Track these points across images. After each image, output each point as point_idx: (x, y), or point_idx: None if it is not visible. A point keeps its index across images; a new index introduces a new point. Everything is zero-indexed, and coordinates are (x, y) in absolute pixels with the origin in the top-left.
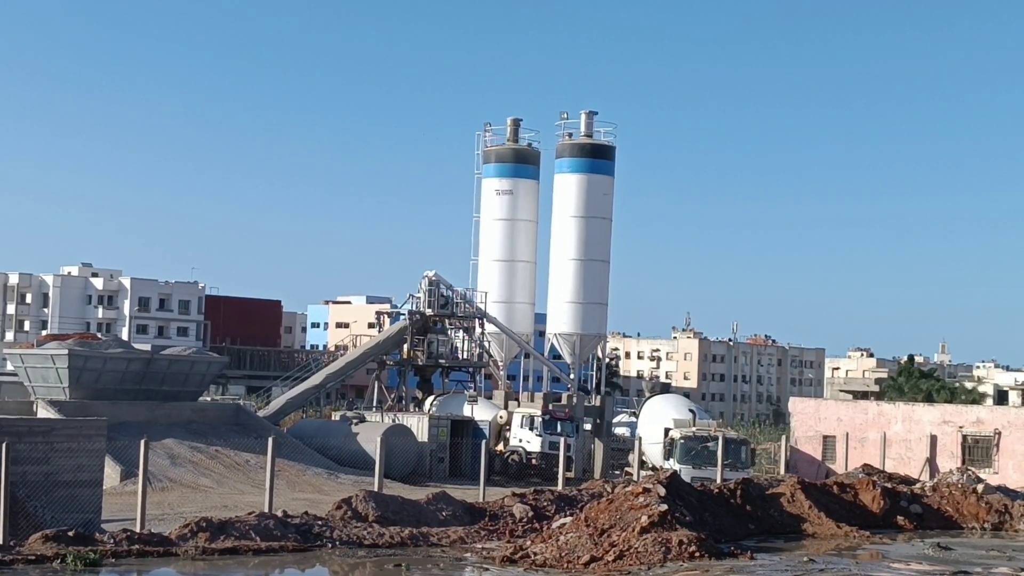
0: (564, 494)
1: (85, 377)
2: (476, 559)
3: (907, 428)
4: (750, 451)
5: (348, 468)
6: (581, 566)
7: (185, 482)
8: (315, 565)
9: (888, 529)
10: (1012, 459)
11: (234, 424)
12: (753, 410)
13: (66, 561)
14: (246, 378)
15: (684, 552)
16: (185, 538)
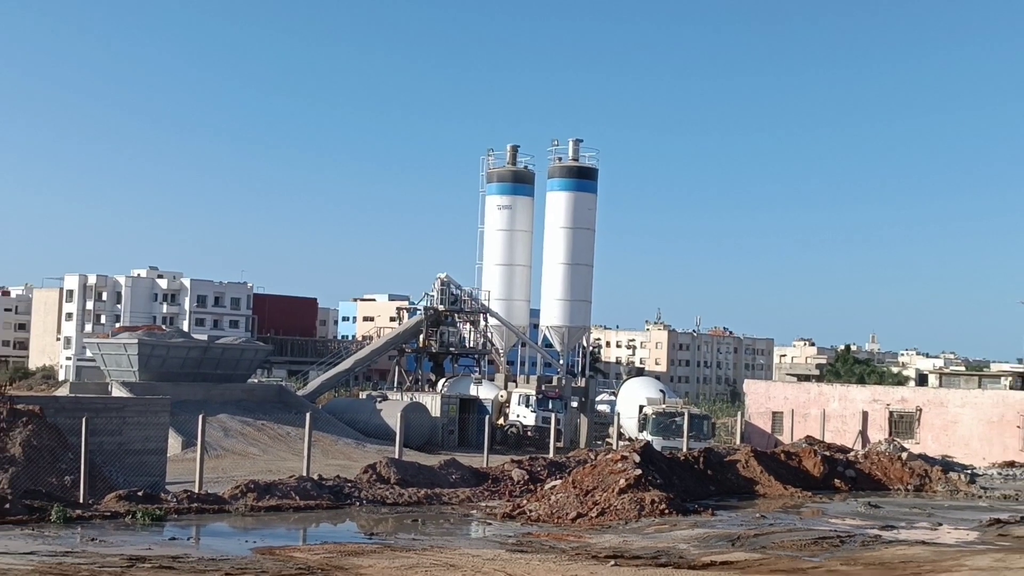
0: (555, 461)
1: (152, 362)
2: (481, 515)
3: (843, 405)
4: (711, 425)
5: (373, 439)
6: (569, 521)
7: (236, 451)
8: (345, 520)
9: (827, 490)
10: (931, 432)
11: (277, 402)
12: (713, 390)
13: (136, 517)
14: (287, 363)
15: (656, 509)
16: (236, 497)
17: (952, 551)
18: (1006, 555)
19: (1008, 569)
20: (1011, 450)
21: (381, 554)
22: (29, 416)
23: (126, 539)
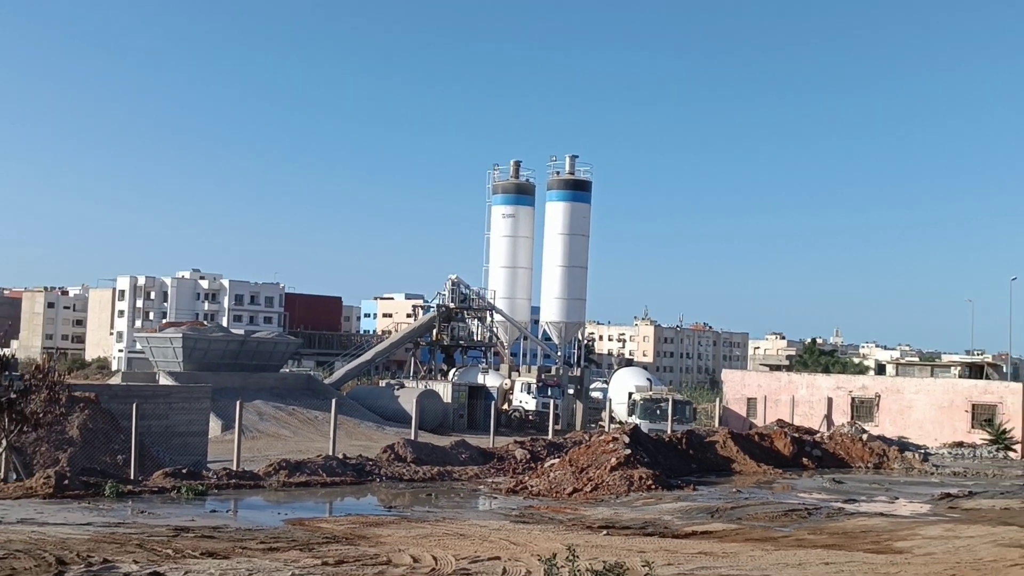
0: (553, 442)
1: (195, 354)
2: (487, 490)
3: (810, 392)
4: (692, 409)
5: (392, 422)
6: (566, 495)
7: (269, 433)
8: (367, 495)
9: (796, 468)
10: (888, 415)
11: (306, 389)
12: (694, 379)
13: (181, 492)
14: (315, 355)
15: (643, 485)
16: (270, 474)
17: (907, 522)
18: (955, 525)
19: (957, 537)
20: (960, 432)
21: (399, 525)
22: (85, 402)
23: (172, 512)
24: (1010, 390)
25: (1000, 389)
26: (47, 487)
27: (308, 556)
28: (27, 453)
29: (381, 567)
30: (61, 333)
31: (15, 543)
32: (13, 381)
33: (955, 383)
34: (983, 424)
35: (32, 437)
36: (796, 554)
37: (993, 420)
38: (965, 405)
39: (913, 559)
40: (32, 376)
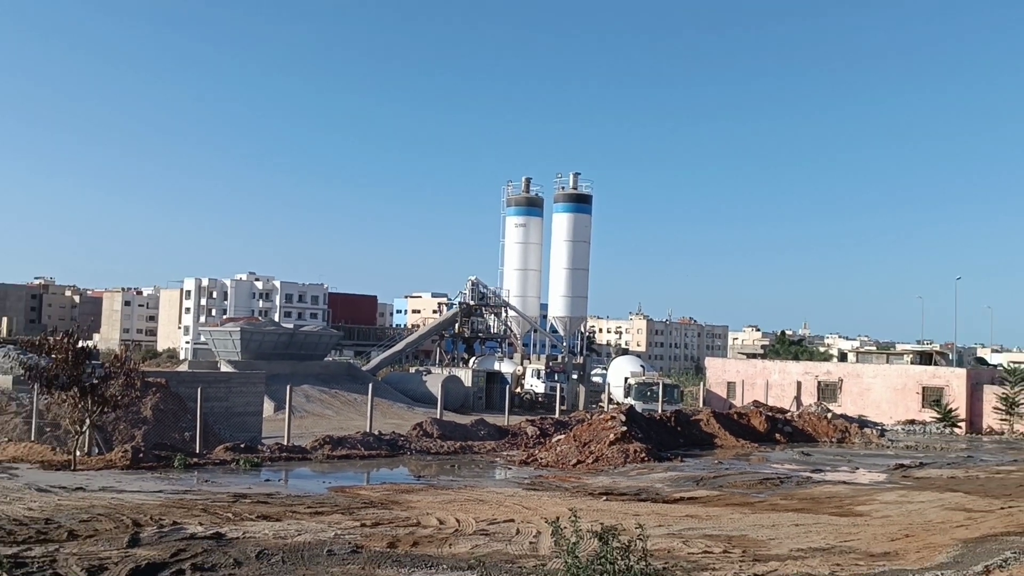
0: (559, 420)
1: (251, 345)
2: (503, 462)
3: (782, 377)
4: (680, 392)
5: (420, 403)
6: (571, 466)
7: (315, 413)
8: (399, 466)
9: (770, 442)
10: (850, 397)
11: (347, 375)
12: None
13: (239, 463)
14: (354, 346)
15: (637, 457)
16: (315, 448)
17: (867, 489)
18: (908, 491)
19: (910, 503)
20: (912, 411)
21: (427, 492)
22: (157, 387)
23: (231, 480)
24: (955, 375)
25: (947, 374)
26: (125, 460)
27: (349, 519)
28: (107, 431)
29: (412, 528)
30: (136, 328)
31: (98, 508)
32: (95, 369)
33: (908, 369)
34: (932, 404)
35: (112, 417)
36: (770, 517)
37: (941, 401)
38: (916, 388)
39: (872, 521)
40: (111, 365)
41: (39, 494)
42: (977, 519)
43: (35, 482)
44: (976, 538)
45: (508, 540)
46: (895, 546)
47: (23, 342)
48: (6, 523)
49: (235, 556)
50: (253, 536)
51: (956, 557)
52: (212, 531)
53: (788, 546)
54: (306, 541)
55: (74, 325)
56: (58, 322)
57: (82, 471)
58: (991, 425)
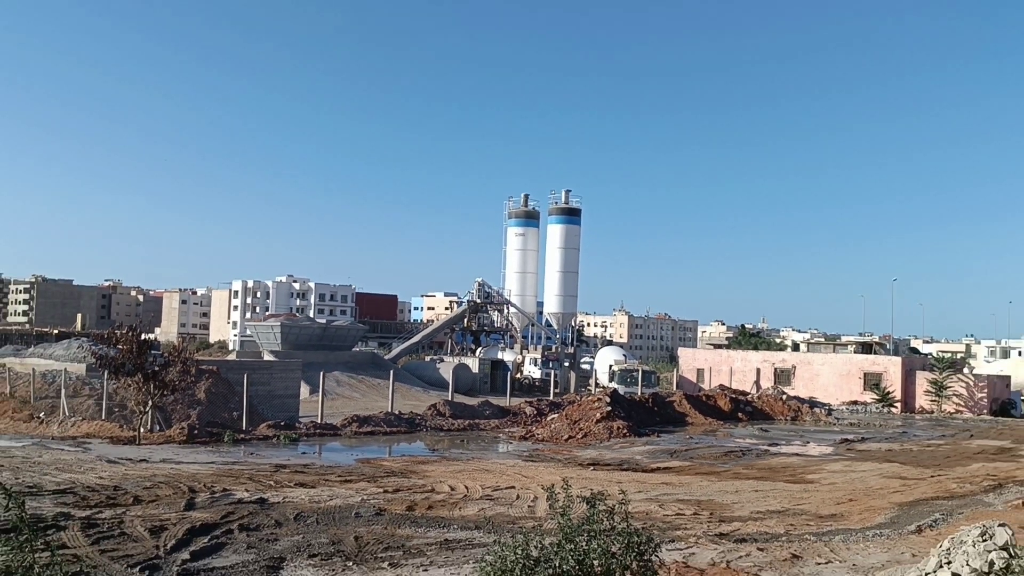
0: (553, 401)
1: (289, 337)
2: (505, 437)
3: (744, 364)
4: (656, 377)
5: (434, 387)
6: (563, 441)
7: (344, 395)
8: (416, 441)
9: (733, 420)
10: (802, 381)
11: (371, 363)
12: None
13: (279, 439)
14: (378, 338)
15: (620, 433)
16: (345, 426)
17: (816, 460)
18: (851, 462)
19: (853, 471)
20: (855, 393)
21: (440, 463)
22: (209, 373)
23: (273, 453)
24: (892, 362)
25: (885, 362)
26: (181, 436)
27: (374, 486)
28: (167, 411)
29: (427, 493)
30: (191, 323)
31: (159, 477)
32: (156, 358)
33: (851, 357)
34: (872, 388)
35: (170, 399)
36: (734, 484)
37: (880, 385)
38: (859, 374)
39: (821, 487)
40: (170, 355)
41: (109, 465)
42: (911, 486)
43: (105, 455)
44: (910, 502)
45: (510, 504)
46: (841, 509)
47: (95, 335)
48: (81, 490)
49: (276, 518)
50: (292, 501)
51: (893, 518)
52: (257, 496)
53: (749, 509)
54: (337, 505)
55: (138, 321)
56: (124, 318)
57: (145, 445)
58: (923, 406)
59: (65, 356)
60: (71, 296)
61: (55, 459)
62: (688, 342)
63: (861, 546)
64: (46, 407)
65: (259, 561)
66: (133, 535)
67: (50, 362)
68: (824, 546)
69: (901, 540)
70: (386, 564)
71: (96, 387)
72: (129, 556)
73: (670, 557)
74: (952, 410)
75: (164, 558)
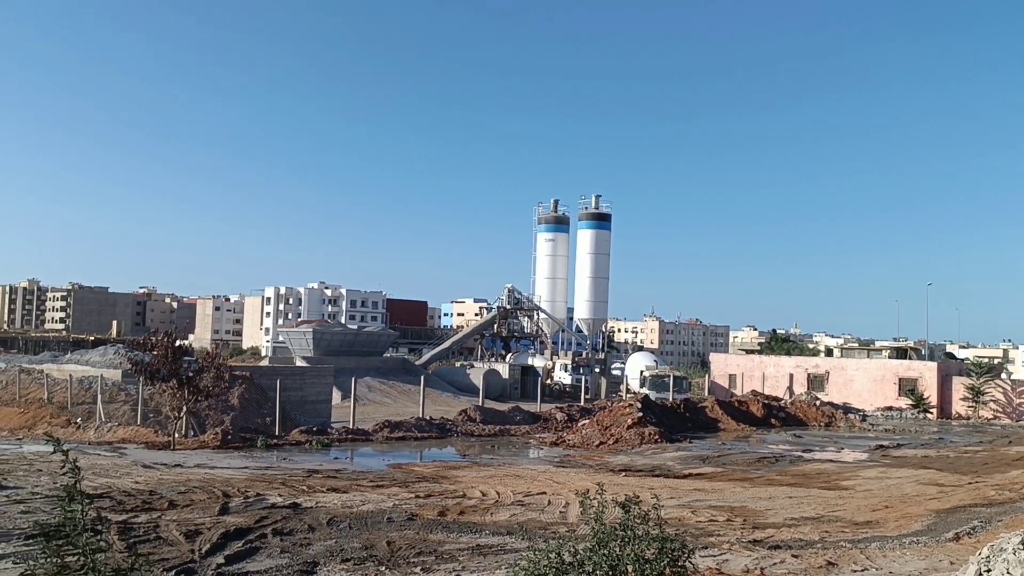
0: (584, 407)
1: (321, 343)
2: (536, 443)
3: (776, 369)
4: (688, 383)
5: (465, 393)
6: (594, 447)
7: (375, 401)
8: (447, 446)
9: (766, 426)
10: (835, 387)
11: (402, 369)
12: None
13: (312, 444)
14: (408, 344)
15: (651, 439)
16: (376, 431)
17: (851, 466)
18: (887, 468)
19: (888, 478)
20: (889, 399)
21: (471, 468)
22: (243, 379)
23: (306, 458)
24: (928, 368)
25: (920, 367)
26: (215, 441)
27: (405, 491)
28: (201, 416)
29: (459, 499)
30: (224, 329)
31: (193, 481)
32: (190, 364)
33: (886, 362)
34: (907, 393)
35: (204, 404)
36: (767, 490)
37: (915, 390)
38: (893, 379)
39: (856, 494)
40: (204, 361)
41: (144, 470)
42: (948, 492)
43: (141, 460)
44: (947, 509)
45: (541, 510)
46: (876, 516)
47: (130, 342)
48: (117, 494)
49: (309, 522)
50: (324, 505)
51: (930, 525)
52: (290, 501)
53: (783, 515)
54: (369, 510)
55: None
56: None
57: (180, 450)
58: (959, 411)
59: (101, 362)
60: (107, 303)
61: (92, 464)
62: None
63: (897, 553)
64: (83, 412)
65: (293, 565)
66: (169, 539)
67: (87, 368)
68: (860, 553)
69: (939, 548)
70: (419, 569)
71: (132, 393)
72: (165, 560)
73: (704, 563)
74: (990, 416)
75: (199, 562)
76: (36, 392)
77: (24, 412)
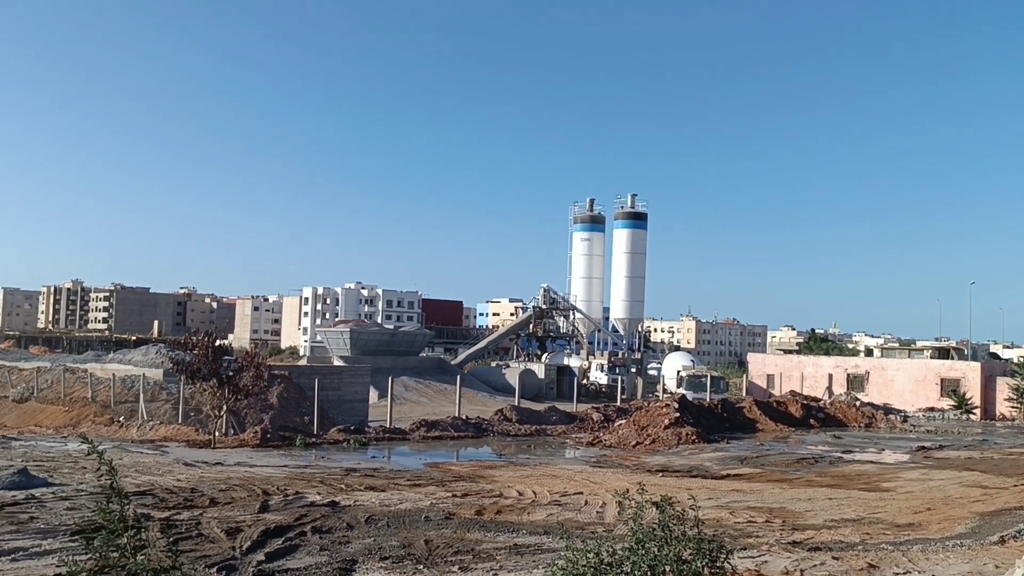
0: (620, 407)
1: (358, 343)
2: (572, 443)
3: (815, 369)
4: (725, 383)
5: (500, 393)
6: (631, 447)
7: (412, 400)
8: (483, 446)
9: (805, 427)
10: (876, 387)
11: (438, 369)
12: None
13: (350, 443)
14: (444, 343)
15: (689, 439)
16: (413, 430)
17: (892, 468)
18: (929, 470)
19: (931, 480)
20: (931, 399)
21: (507, 468)
22: (282, 378)
23: (343, 457)
24: (971, 368)
25: (963, 367)
26: (255, 439)
27: (442, 490)
28: (241, 415)
29: (495, 499)
30: (263, 329)
31: (233, 479)
32: (230, 363)
33: (928, 363)
34: (950, 394)
35: (244, 403)
36: (806, 491)
37: (958, 391)
38: (935, 379)
39: (897, 496)
40: (243, 360)
41: (186, 468)
42: (992, 495)
43: (182, 458)
44: (992, 512)
45: (578, 510)
46: (918, 518)
47: (171, 341)
48: (160, 491)
49: (348, 521)
50: (362, 504)
51: (974, 528)
52: (328, 499)
53: (823, 517)
54: (407, 508)
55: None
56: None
57: (220, 449)
58: (1003, 412)
59: (143, 362)
60: (148, 303)
61: (135, 462)
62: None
63: (941, 556)
64: (126, 411)
65: (332, 563)
66: (210, 536)
67: (129, 367)
68: (902, 556)
69: (983, 551)
70: (456, 568)
71: (173, 392)
72: (207, 556)
73: (742, 565)
74: None
75: (240, 559)
76: (80, 391)
77: (69, 411)
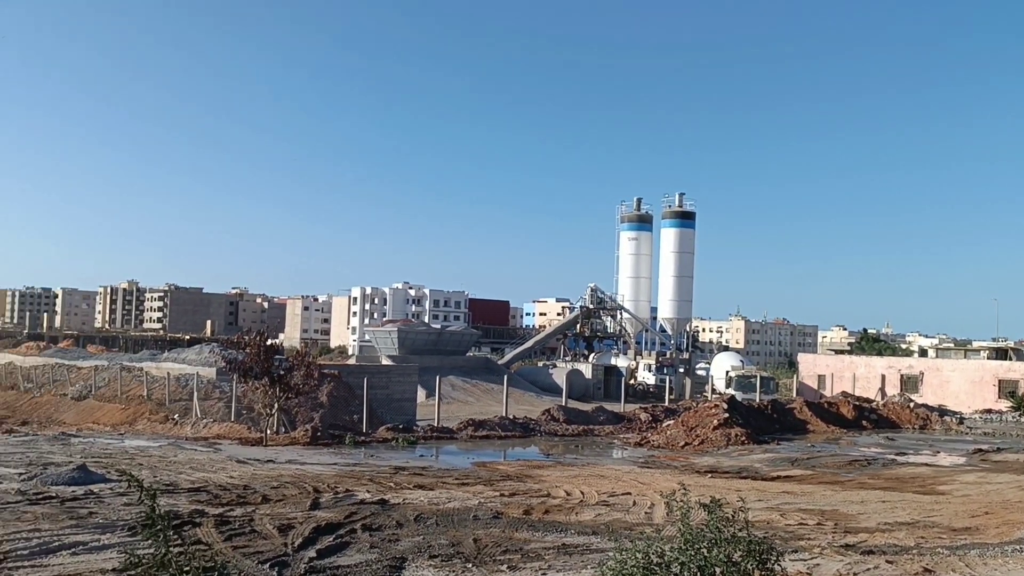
0: (668, 407)
1: (406, 343)
2: (620, 443)
3: (867, 370)
4: (775, 384)
5: (547, 393)
6: (679, 447)
7: (459, 399)
8: (531, 446)
9: (857, 428)
10: (930, 388)
11: (485, 368)
12: (776, 361)
13: (398, 441)
14: (491, 343)
15: (738, 440)
16: (460, 430)
17: (948, 470)
18: (986, 473)
19: (988, 483)
20: (988, 401)
21: (554, 468)
22: (331, 377)
23: (392, 455)
24: None
25: (1022, 368)
26: (306, 437)
27: (490, 489)
28: (292, 413)
29: (543, 498)
30: (313, 328)
31: (285, 477)
32: (281, 362)
33: (984, 363)
34: (1008, 395)
35: (295, 402)
36: (859, 494)
37: (1016, 392)
38: (992, 380)
39: (953, 499)
40: (294, 359)
41: (238, 465)
42: None
43: (235, 455)
44: None
45: (626, 510)
46: (975, 522)
47: (224, 341)
48: (213, 488)
49: (397, 519)
50: (411, 502)
51: None
52: (378, 497)
53: (876, 520)
54: (455, 507)
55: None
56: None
57: (272, 446)
58: None
59: (197, 360)
60: (201, 303)
61: (189, 459)
62: (808, 348)
63: (999, 562)
64: (180, 409)
65: (382, 560)
66: (263, 532)
67: (183, 366)
68: (959, 560)
69: None
70: (505, 567)
71: (225, 390)
72: (260, 552)
73: (793, 567)
74: None
75: (292, 555)
76: (136, 389)
77: (125, 408)
